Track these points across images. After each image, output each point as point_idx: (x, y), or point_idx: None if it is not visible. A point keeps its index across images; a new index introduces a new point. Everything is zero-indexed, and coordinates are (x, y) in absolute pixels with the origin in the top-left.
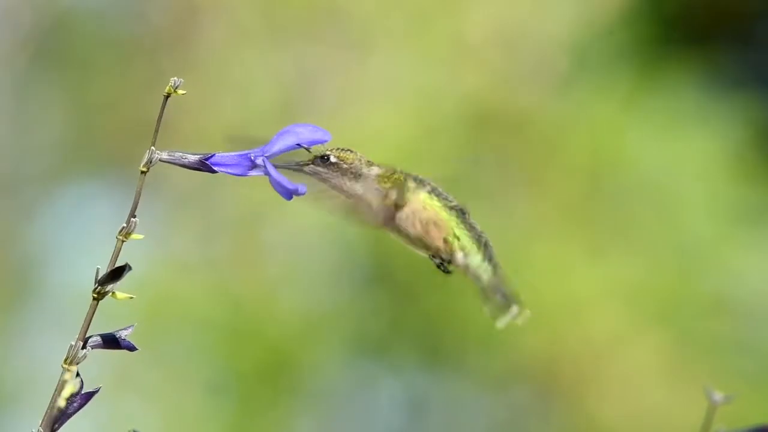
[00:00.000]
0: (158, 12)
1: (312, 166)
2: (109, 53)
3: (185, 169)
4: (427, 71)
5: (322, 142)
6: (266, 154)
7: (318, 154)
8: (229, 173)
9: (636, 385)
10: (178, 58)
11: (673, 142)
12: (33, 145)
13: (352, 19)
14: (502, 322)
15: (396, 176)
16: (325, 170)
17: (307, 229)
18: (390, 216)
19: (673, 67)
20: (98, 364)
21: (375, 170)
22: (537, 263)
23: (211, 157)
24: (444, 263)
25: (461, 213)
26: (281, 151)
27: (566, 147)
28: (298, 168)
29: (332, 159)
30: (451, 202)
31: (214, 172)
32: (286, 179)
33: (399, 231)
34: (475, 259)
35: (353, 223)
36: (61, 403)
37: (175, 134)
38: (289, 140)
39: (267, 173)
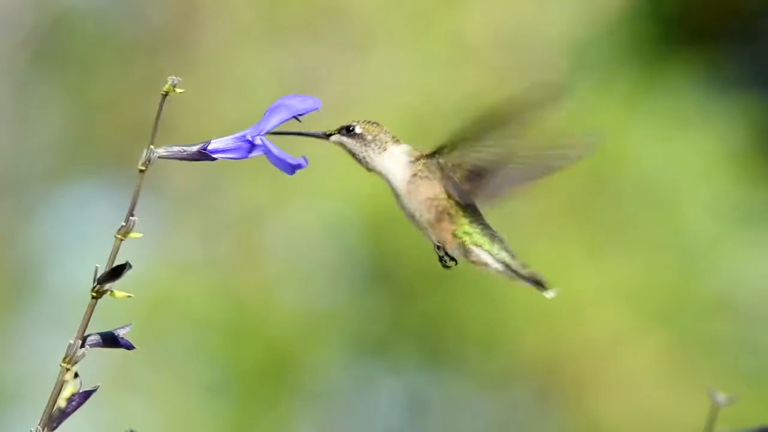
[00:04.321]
0: (158, 12)
1: (338, 135)
2: (109, 53)
3: (185, 170)
4: (427, 71)
5: (314, 110)
6: (262, 132)
7: (344, 124)
8: (229, 158)
9: (636, 385)
10: (178, 58)
11: (674, 141)
12: (33, 145)
13: (352, 19)
14: (549, 294)
15: (424, 160)
16: (350, 140)
17: (307, 229)
18: (409, 194)
19: (674, 66)
20: (98, 364)
21: (403, 147)
22: (537, 263)
23: (208, 144)
24: (446, 257)
25: (474, 211)
26: (276, 126)
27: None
28: (323, 137)
29: (357, 130)
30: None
31: (214, 159)
32: (288, 155)
33: (413, 211)
34: (492, 251)
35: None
36: (62, 403)
37: (174, 134)
38: (281, 114)
39: (267, 152)
